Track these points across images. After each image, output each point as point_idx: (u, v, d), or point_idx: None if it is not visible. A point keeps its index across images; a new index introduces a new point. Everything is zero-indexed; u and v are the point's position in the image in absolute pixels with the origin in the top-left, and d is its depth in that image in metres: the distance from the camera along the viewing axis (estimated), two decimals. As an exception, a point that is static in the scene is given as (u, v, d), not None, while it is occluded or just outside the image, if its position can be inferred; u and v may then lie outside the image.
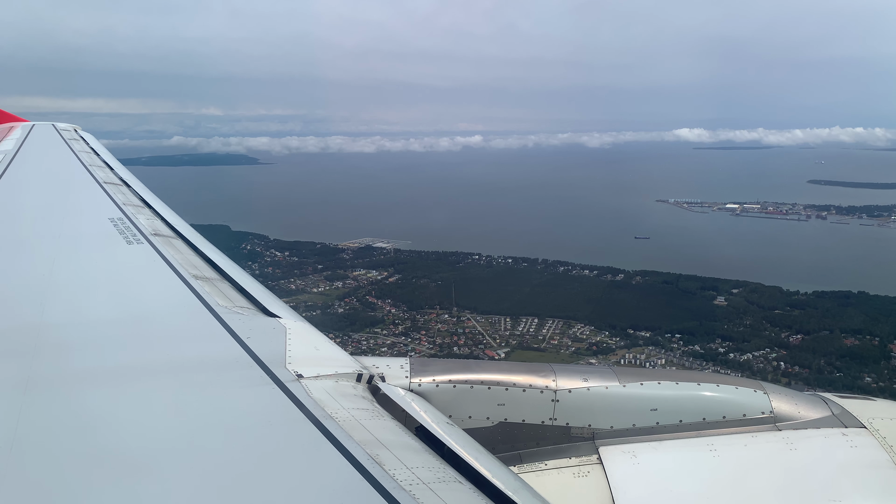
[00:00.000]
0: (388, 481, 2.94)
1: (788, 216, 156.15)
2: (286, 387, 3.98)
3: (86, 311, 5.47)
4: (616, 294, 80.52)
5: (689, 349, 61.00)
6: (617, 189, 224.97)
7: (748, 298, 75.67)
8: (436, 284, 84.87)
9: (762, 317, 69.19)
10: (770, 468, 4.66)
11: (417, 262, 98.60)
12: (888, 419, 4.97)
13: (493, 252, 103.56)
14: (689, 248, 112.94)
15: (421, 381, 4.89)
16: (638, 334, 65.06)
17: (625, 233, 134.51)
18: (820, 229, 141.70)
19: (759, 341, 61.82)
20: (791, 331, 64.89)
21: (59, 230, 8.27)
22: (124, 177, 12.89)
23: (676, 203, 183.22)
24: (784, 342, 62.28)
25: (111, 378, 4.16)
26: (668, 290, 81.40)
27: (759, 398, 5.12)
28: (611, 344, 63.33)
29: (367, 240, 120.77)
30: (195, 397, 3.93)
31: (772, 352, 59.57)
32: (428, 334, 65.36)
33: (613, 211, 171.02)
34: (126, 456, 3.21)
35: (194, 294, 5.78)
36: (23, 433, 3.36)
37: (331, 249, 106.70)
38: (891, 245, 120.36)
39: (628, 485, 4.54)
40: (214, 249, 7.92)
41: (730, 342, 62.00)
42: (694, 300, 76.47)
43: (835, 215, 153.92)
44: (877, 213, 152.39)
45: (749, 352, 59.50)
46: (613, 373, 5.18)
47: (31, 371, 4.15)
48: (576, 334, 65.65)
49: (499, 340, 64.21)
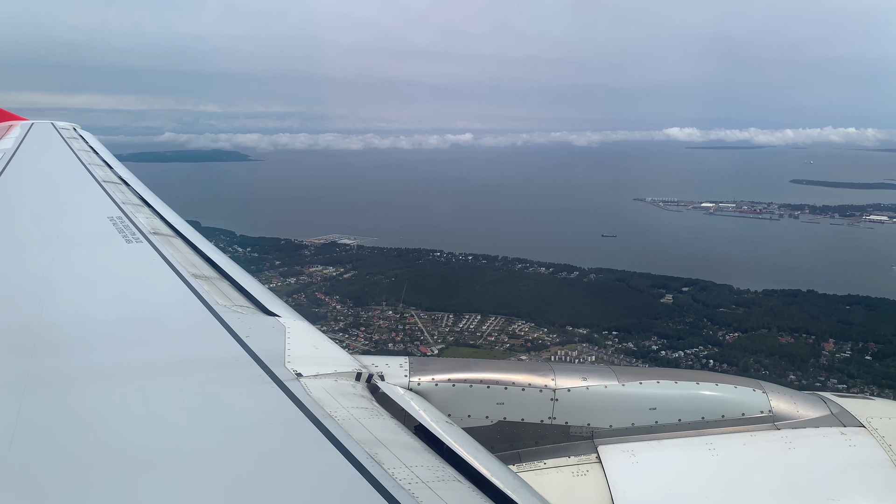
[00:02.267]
0: (387, 480, 2.93)
1: (762, 215, 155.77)
2: (285, 385, 3.97)
3: (85, 311, 5.39)
4: (565, 291, 79.74)
5: (622, 346, 60.14)
6: (597, 188, 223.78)
7: (695, 297, 75.30)
8: (389, 281, 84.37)
9: (704, 315, 69.02)
10: (769, 467, 4.63)
11: (377, 259, 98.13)
12: (887, 418, 4.92)
13: (456, 249, 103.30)
14: (652, 247, 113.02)
15: (420, 381, 4.86)
16: (576, 331, 63.93)
17: (594, 231, 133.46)
18: (789, 228, 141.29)
19: (694, 339, 60.94)
20: (730, 329, 64.89)
21: (58, 229, 8.19)
22: (123, 175, 12.79)
23: (653, 202, 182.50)
24: (719, 340, 62.17)
25: (110, 377, 4.12)
26: (617, 288, 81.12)
27: (758, 397, 5.10)
28: (547, 341, 62.13)
29: (333, 236, 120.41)
30: (194, 396, 3.89)
31: (704, 349, 59.01)
32: (367, 330, 64.67)
33: (588, 209, 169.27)
34: (125, 454, 3.17)
35: (193, 293, 5.75)
36: (22, 431, 3.32)
37: (294, 245, 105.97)
38: (853, 244, 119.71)
39: (627, 484, 4.51)
40: (214, 248, 7.91)
41: (664, 339, 61.71)
42: (641, 298, 75.99)
43: (808, 214, 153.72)
44: (849, 213, 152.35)
45: (681, 349, 58.89)
46: (612, 372, 5.15)
47: (31, 370, 4.10)
48: (515, 331, 64.39)
49: (437, 336, 62.76)
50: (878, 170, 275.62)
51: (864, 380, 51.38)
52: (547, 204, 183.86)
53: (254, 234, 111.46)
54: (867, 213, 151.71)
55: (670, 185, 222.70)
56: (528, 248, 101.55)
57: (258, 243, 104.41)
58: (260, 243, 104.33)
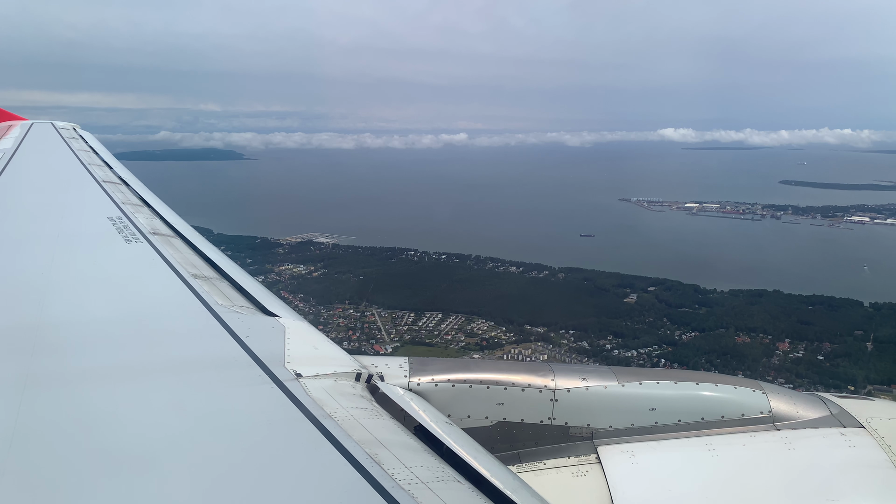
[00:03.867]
0: (386, 480, 2.92)
1: (744, 216, 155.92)
2: (285, 386, 3.96)
3: (84, 311, 5.34)
4: (531, 290, 79.46)
5: (577, 345, 59.97)
6: (585, 188, 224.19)
7: (659, 296, 75.21)
8: (357, 280, 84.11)
9: (665, 314, 69.05)
10: (768, 468, 4.60)
11: (349, 258, 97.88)
12: (886, 419, 4.91)
13: (432, 248, 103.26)
14: (628, 247, 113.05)
15: (420, 381, 4.85)
16: (533, 330, 63.73)
17: (573, 231, 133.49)
18: (768, 229, 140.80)
19: (649, 338, 60.77)
20: (688, 328, 64.83)
21: (57, 229, 8.12)
22: (123, 175, 12.70)
23: (638, 202, 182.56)
24: (674, 339, 61.86)
25: (110, 377, 4.09)
26: (584, 288, 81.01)
27: (758, 398, 5.07)
28: (503, 339, 62.08)
29: (310, 235, 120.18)
30: (194, 396, 3.87)
31: (658, 349, 58.81)
32: (325, 329, 63.78)
33: (571, 210, 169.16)
34: (124, 454, 3.14)
35: (193, 293, 5.71)
36: (22, 431, 3.30)
37: (269, 244, 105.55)
38: (829, 245, 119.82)
39: (627, 484, 4.49)
40: (213, 248, 7.83)
41: (620, 338, 61.42)
42: (605, 297, 75.91)
43: (790, 215, 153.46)
44: (831, 214, 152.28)
45: (635, 348, 58.84)
46: (612, 372, 5.14)
47: (30, 370, 4.07)
48: (473, 329, 64.25)
49: (394, 335, 62.60)
50: (868, 171, 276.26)
51: (812, 380, 51.50)
52: (531, 204, 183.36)
53: (231, 233, 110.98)
54: (849, 213, 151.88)
55: (658, 185, 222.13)
56: (503, 248, 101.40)
57: (233, 241, 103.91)
58: (235, 241, 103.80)
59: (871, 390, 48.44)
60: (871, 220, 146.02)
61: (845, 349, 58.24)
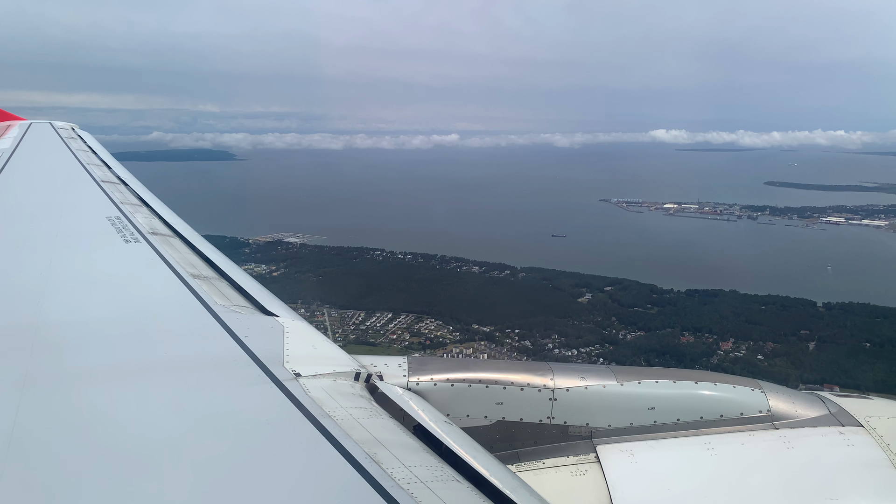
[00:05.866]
0: (386, 480, 2.91)
1: (721, 216, 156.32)
2: (284, 385, 3.94)
3: (83, 311, 5.29)
4: (488, 290, 79.43)
5: (519, 344, 59.72)
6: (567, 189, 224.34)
7: (613, 296, 75.51)
8: (315, 279, 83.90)
9: (615, 314, 69.20)
10: (767, 467, 4.57)
11: (313, 258, 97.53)
12: (885, 418, 4.87)
13: (400, 248, 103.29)
14: (597, 247, 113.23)
15: (419, 380, 4.83)
16: (480, 329, 63.61)
17: (548, 231, 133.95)
18: (742, 229, 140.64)
19: (592, 337, 60.88)
20: (634, 328, 64.98)
21: (56, 229, 8.04)
22: (122, 175, 12.59)
23: (618, 203, 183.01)
24: (617, 339, 61.93)
25: (109, 377, 4.05)
26: (541, 287, 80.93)
27: (757, 397, 5.04)
28: (448, 339, 61.80)
29: (281, 235, 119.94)
30: (193, 396, 3.85)
31: (600, 348, 58.92)
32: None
33: (549, 210, 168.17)
34: (123, 454, 3.12)
35: (192, 293, 5.68)
36: (20, 431, 3.27)
37: (238, 243, 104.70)
38: (799, 245, 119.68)
39: (626, 483, 4.46)
40: (212, 248, 7.79)
41: (564, 337, 61.26)
42: (559, 297, 75.79)
43: (767, 216, 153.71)
44: (808, 215, 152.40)
45: (576, 347, 58.78)
46: (611, 372, 5.11)
47: (29, 370, 4.04)
48: (420, 329, 64.09)
49: (339, 334, 61.47)
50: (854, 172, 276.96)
51: (748, 379, 51.44)
52: (510, 204, 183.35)
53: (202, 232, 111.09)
54: (826, 214, 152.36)
55: (641, 186, 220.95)
56: (472, 248, 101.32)
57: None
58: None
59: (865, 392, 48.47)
60: (847, 220, 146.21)
61: (786, 349, 58.49)
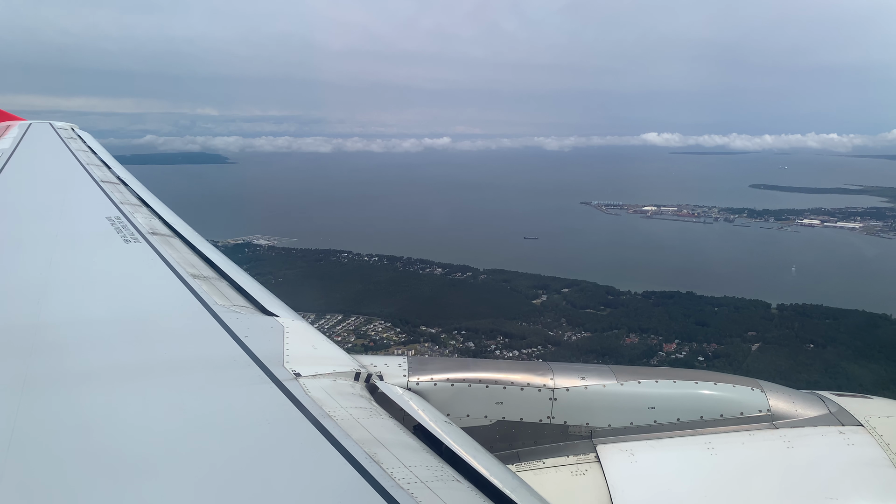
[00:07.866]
0: (386, 480, 2.88)
1: (698, 218, 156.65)
2: (284, 385, 3.92)
3: (83, 311, 5.23)
4: (445, 292, 79.11)
5: (464, 346, 59.09)
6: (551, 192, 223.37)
7: (568, 297, 75.61)
8: (275, 281, 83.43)
9: (565, 315, 69.26)
10: (767, 466, 4.55)
11: (277, 260, 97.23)
12: (885, 417, 4.85)
13: (367, 250, 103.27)
14: (566, 249, 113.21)
15: (419, 380, 4.81)
16: (427, 330, 63.12)
17: (522, 233, 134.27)
18: (717, 231, 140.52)
19: (535, 338, 60.84)
20: (581, 329, 64.97)
21: (56, 229, 7.93)
22: (122, 175, 12.44)
23: (598, 205, 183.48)
24: (560, 340, 61.97)
25: (109, 377, 4.00)
26: (499, 289, 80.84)
27: (757, 396, 5.02)
28: (394, 340, 61.30)
29: (251, 237, 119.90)
30: (193, 396, 3.81)
31: (542, 349, 58.45)
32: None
33: (528, 212, 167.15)
34: (123, 455, 3.08)
35: (192, 293, 5.63)
36: (20, 432, 3.23)
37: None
38: (769, 247, 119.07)
39: (626, 483, 4.43)
40: (212, 248, 7.73)
41: (508, 339, 60.84)
42: (514, 298, 75.88)
43: (744, 218, 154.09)
44: (785, 217, 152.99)
45: (519, 348, 58.49)
46: (611, 371, 5.07)
47: (29, 370, 3.98)
48: (367, 331, 63.61)
49: None
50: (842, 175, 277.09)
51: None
52: (491, 206, 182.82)
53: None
54: (802, 216, 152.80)
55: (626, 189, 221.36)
56: (440, 250, 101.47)
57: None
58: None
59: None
60: (822, 222, 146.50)
61: (728, 350, 58.44)
